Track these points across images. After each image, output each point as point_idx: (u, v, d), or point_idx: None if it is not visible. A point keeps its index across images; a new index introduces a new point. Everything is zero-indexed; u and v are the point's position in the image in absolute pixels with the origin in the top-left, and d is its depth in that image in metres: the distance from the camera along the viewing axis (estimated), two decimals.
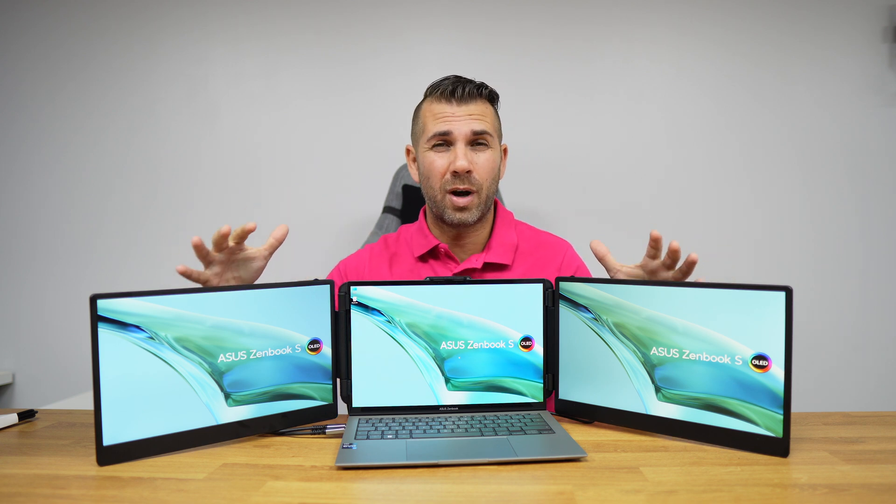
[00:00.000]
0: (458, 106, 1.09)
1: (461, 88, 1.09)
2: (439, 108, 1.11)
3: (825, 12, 1.74)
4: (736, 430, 0.75)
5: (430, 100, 1.13)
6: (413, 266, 1.18)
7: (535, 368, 0.91)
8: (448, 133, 1.09)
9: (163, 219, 1.85)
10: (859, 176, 1.75)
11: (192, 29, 1.83)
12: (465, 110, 1.09)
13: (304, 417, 0.86)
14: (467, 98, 1.10)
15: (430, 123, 1.11)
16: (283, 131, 1.83)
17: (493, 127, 1.13)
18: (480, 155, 1.11)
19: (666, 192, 1.78)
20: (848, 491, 0.62)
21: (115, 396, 0.72)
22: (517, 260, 1.18)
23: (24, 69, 1.85)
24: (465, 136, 1.09)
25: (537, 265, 1.17)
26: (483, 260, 1.16)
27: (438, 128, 1.10)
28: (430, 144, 1.12)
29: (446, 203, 1.12)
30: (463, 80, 1.11)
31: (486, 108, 1.12)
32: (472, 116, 1.09)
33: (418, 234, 1.20)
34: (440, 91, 1.11)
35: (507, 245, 1.18)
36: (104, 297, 0.71)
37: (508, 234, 1.20)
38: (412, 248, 1.19)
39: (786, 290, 0.72)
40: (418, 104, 1.18)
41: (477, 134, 1.10)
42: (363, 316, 0.89)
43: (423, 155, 1.14)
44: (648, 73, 1.77)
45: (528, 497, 0.63)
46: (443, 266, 1.17)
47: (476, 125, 1.09)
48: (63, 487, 0.65)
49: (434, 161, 1.11)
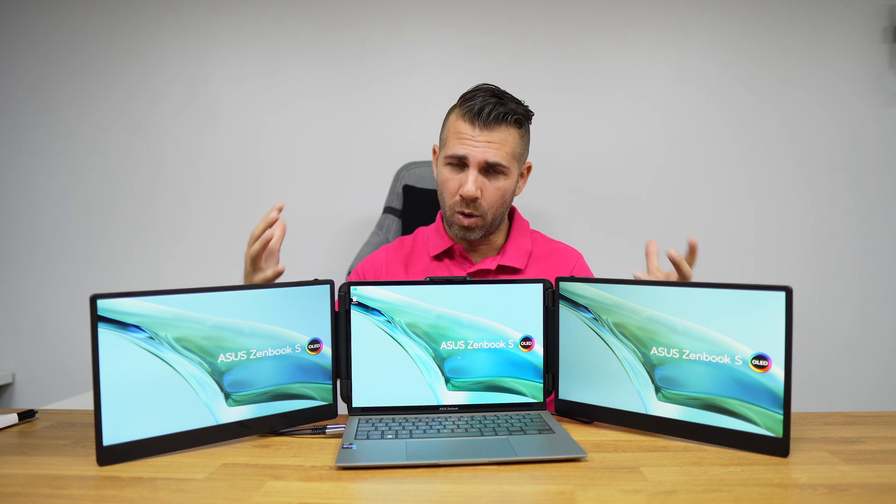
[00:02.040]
0: (481, 131, 1.08)
1: (488, 110, 1.08)
2: (462, 127, 1.10)
3: (825, 12, 1.74)
4: (736, 430, 0.75)
5: (458, 113, 1.12)
6: (428, 265, 1.20)
7: (535, 368, 0.91)
8: (464, 157, 1.10)
9: (163, 219, 1.85)
10: (859, 176, 1.75)
11: (192, 29, 1.83)
12: (486, 137, 1.08)
13: (304, 417, 0.86)
14: (492, 124, 1.08)
15: (451, 141, 1.12)
16: (283, 131, 1.83)
17: (512, 155, 1.12)
18: (493, 183, 1.11)
19: (666, 191, 1.78)
20: (848, 491, 0.62)
21: (115, 396, 0.72)
22: (530, 265, 1.20)
23: (24, 69, 1.85)
24: (479, 163, 1.09)
25: (548, 271, 1.19)
26: (497, 262, 1.18)
27: (456, 150, 1.10)
28: (446, 161, 1.13)
29: (454, 219, 1.14)
30: (492, 102, 1.09)
31: (508, 135, 1.10)
32: (490, 145, 1.08)
33: (435, 234, 1.22)
34: (467, 108, 1.09)
35: (521, 250, 1.20)
36: (104, 297, 0.71)
37: (524, 240, 1.22)
38: (428, 248, 1.22)
39: (786, 290, 0.72)
40: (451, 108, 1.17)
41: (491, 165, 1.10)
42: (363, 316, 0.89)
43: (441, 167, 1.15)
44: (648, 74, 1.77)
45: (528, 497, 0.63)
46: (457, 266, 1.19)
47: (492, 156, 1.09)
48: (63, 487, 0.65)
49: (448, 179, 1.13)
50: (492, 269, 1.17)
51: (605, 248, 1.73)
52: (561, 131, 1.77)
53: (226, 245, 1.84)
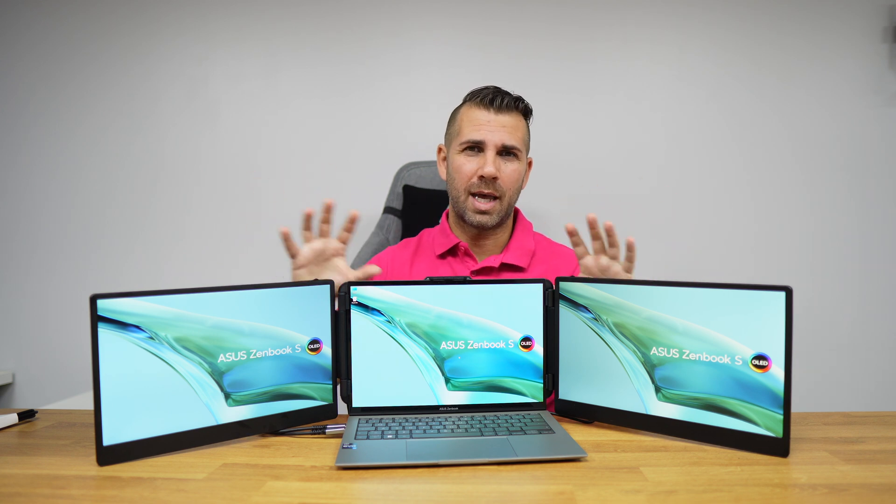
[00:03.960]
0: (495, 115, 1.15)
1: (500, 99, 1.15)
2: (477, 114, 1.16)
3: (825, 12, 1.74)
4: (736, 430, 0.75)
5: (469, 105, 1.19)
6: (433, 263, 1.23)
7: (535, 368, 0.91)
8: (481, 141, 1.15)
9: (163, 219, 1.85)
10: (859, 176, 1.75)
11: (192, 29, 1.83)
12: (500, 121, 1.15)
13: (304, 417, 0.86)
14: (504, 109, 1.16)
15: (466, 128, 1.17)
16: (283, 131, 1.83)
17: (523, 141, 1.19)
18: (508, 165, 1.17)
19: (666, 191, 1.78)
20: (848, 491, 0.62)
21: (115, 396, 0.72)
22: (532, 264, 1.22)
23: (24, 69, 1.85)
24: (496, 145, 1.15)
25: (550, 272, 1.21)
26: (501, 260, 1.21)
27: (472, 135, 1.16)
28: (461, 147, 1.17)
29: (468, 205, 1.17)
30: (502, 92, 1.17)
31: (519, 122, 1.18)
32: (505, 128, 1.15)
33: (440, 234, 1.25)
34: (480, 98, 1.17)
35: (525, 249, 1.23)
36: (104, 297, 0.71)
37: (527, 239, 1.25)
38: (433, 247, 1.25)
39: (786, 290, 0.72)
40: (456, 108, 1.23)
41: (507, 147, 1.16)
42: (363, 316, 0.89)
43: (454, 157, 1.19)
44: (648, 73, 1.77)
45: (528, 497, 0.63)
46: (461, 264, 1.22)
47: (508, 139, 1.15)
48: (63, 487, 0.65)
49: (463, 164, 1.17)
50: (495, 267, 1.20)
51: None
52: (561, 131, 1.77)
53: (226, 245, 1.84)
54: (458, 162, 1.18)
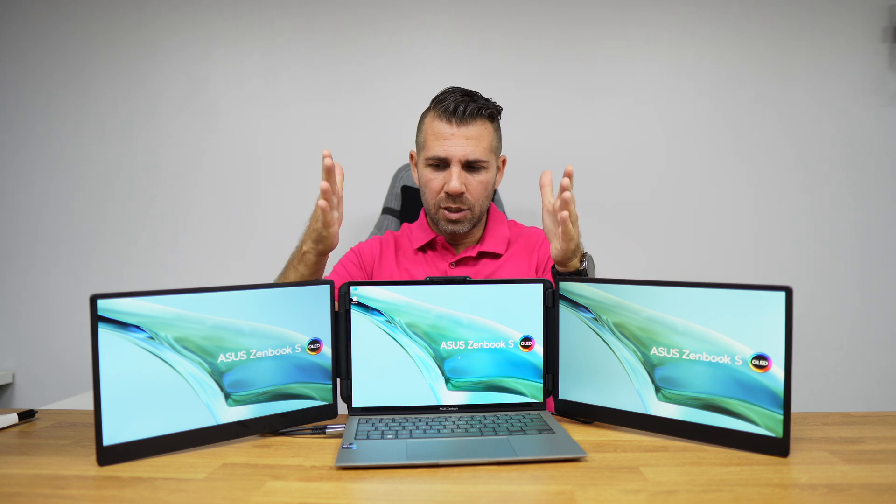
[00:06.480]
0: (458, 127, 1.14)
1: (462, 108, 1.13)
2: (440, 127, 1.15)
3: (825, 12, 1.74)
4: (736, 430, 0.75)
5: (433, 115, 1.17)
6: (413, 256, 1.26)
7: (535, 368, 0.91)
8: (445, 158, 1.15)
9: (163, 219, 1.85)
10: (859, 176, 1.75)
11: (192, 29, 1.83)
12: (464, 133, 1.14)
13: (304, 417, 0.86)
14: (468, 119, 1.14)
15: (430, 142, 1.16)
16: (283, 131, 1.83)
17: (490, 150, 1.18)
18: (475, 177, 1.17)
19: (665, 191, 1.78)
20: (848, 491, 0.62)
21: (115, 396, 0.72)
22: (509, 250, 1.27)
23: (24, 69, 1.85)
24: (460, 160, 1.15)
25: (521, 252, 1.25)
26: (478, 249, 1.24)
27: (436, 151, 1.15)
28: (427, 163, 1.18)
29: (440, 216, 1.19)
30: (465, 100, 1.14)
31: (484, 129, 1.16)
32: (469, 141, 1.14)
33: (419, 229, 1.29)
34: (442, 109, 1.15)
35: (500, 238, 1.27)
36: (104, 297, 0.71)
37: (501, 229, 1.29)
38: (412, 241, 1.28)
39: (786, 290, 0.72)
40: (423, 112, 1.23)
41: (471, 162, 1.15)
42: (363, 316, 0.89)
43: (422, 170, 1.20)
44: (648, 73, 1.77)
45: (528, 497, 0.63)
46: (440, 257, 1.26)
47: (472, 153, 1.14)
48: (63, 487, 0.65)
49: (431, 180, 1.18)
50: (473, 256, 1.23)
51: (606, 248, 1.73)
52: (561, 132, 1.77)
53: (226, 245, 1.84)
54: (426, 176, 1.19)
